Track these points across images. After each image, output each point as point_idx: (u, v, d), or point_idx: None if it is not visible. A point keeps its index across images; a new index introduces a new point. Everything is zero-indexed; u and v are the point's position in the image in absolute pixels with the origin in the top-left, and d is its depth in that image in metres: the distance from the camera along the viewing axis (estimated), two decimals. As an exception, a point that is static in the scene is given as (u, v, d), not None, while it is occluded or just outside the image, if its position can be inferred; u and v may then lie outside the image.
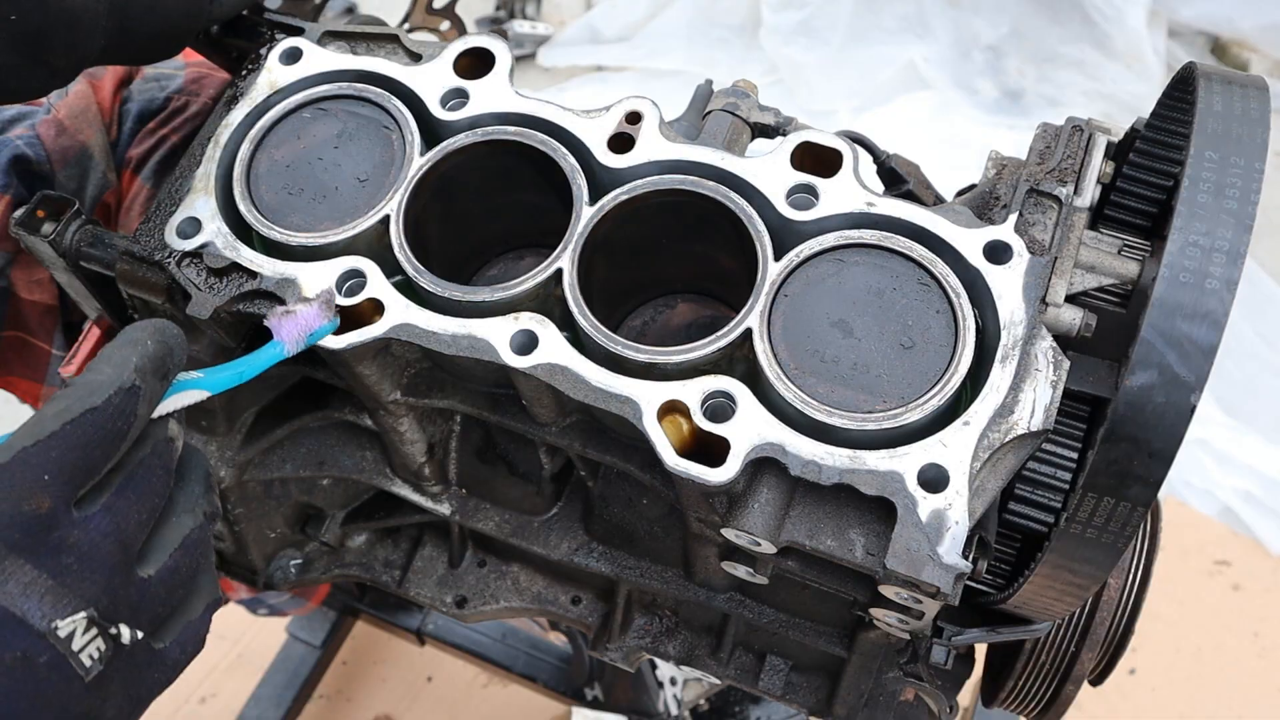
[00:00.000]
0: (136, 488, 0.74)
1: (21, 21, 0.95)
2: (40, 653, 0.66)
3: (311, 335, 0.95)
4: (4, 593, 0.66)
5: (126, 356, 0.73)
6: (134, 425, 0.73)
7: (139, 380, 0.73)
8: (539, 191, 1.07)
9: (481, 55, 1.10)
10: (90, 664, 0.69)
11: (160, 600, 0.75)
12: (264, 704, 2.46)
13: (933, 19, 4.00)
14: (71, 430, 0.69)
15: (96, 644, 0.69)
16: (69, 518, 0.70)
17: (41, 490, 0.68)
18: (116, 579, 0.72)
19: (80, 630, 0.68)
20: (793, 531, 0.91)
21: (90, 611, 0.69)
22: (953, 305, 0.93)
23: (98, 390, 0.71)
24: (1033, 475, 0.98)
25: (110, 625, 0.70)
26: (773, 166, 1.00)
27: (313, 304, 0.96)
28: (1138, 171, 1.03)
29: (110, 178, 1.38)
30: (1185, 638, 2.77)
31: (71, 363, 1.22)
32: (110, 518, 0.72)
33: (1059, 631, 1.12)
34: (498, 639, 2.31)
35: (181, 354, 0.78)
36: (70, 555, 0.69)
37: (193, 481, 0.82)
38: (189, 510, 0.80)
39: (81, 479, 0.70)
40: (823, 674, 1.27)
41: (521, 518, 1.25)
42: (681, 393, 0.92)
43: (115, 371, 0.73)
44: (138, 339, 0.75)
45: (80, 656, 0.68)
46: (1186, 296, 0.79)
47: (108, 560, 0.71)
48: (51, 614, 0.67)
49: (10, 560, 0.66)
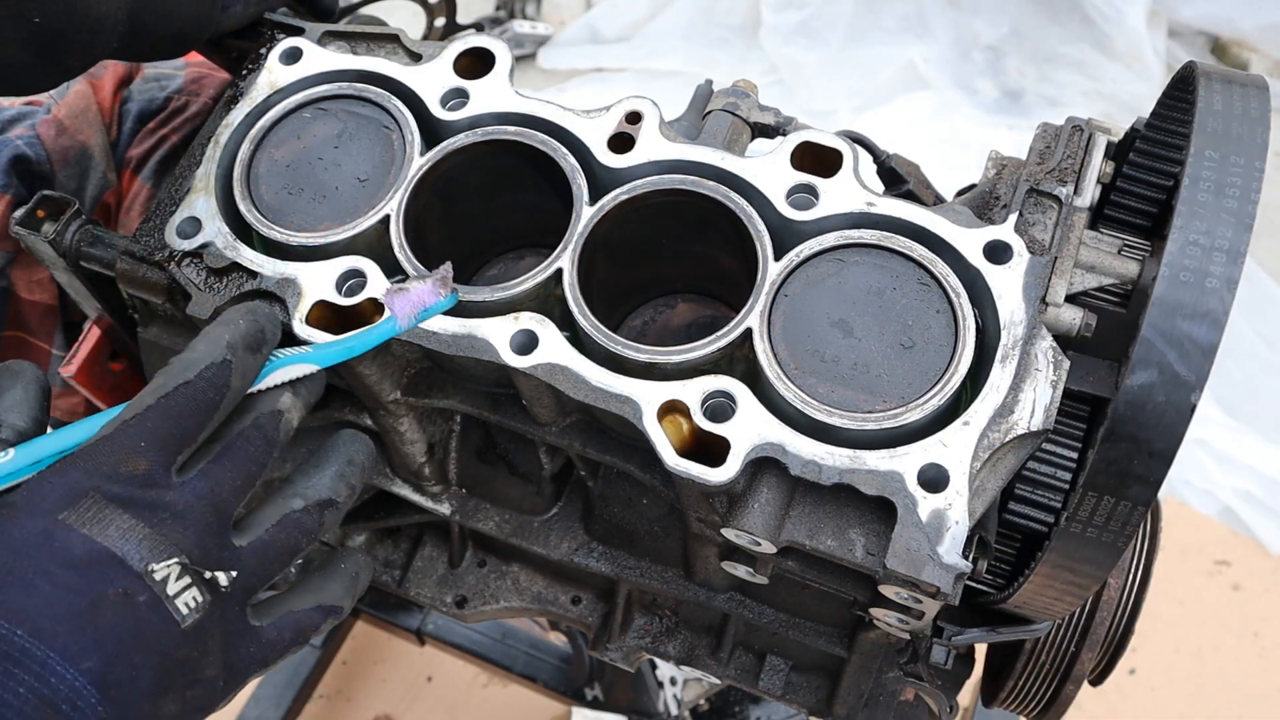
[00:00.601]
0: (233, 456, 0.81)
1: (45, 25, 0.97)
2: (139, 591, 0.72)
3: (425, 311, 0.94)
4: (105, 536, 0.72)
5: (219, 334, 0.81)
6: (227, 396, 0.80)
7: (230, 355, 0.80)
8: (539, 191, 1.07)
9: (481, 55, 1.10)
10: (187, 611, 0.74)
11: (252, 570, 0.80)
12: (264, 704, 2.46)
13: (933, 19, 4.00)
14: (166, 403, 0.77)
15: (193, 592, 0.74)
16: (166, 480, 0.77)
17: (139, 454, 0.76)
18: (209, 538, 0.77)
19: (174, 576, 0.74)
20: (793, 531, 0.91)
21: (182, 559, 0.74)
22: (953, 305, 0.93)
23: (191, 366, 0.79)
24: (1033, 475, 0.98)
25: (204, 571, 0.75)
26: (773, 166, 1.00)
27: (427, 281, 0.95)
28: (1138, 171, 1.03)
29: (110, 178, 1.38)
30: (1185, 638, 2.77)
31: (71, 363, 1.22)
32: (206, 482, 0.78)
33: (1059, 631, 1.12)
34: (498, 639, 2.31)
35: (275, 330, 0.85)
36: (166, 511, 0.75)
37: (322, 468, 0.87)
38: (300, 494, 0.85)
39: (176, 445, 0.78)
40: (823, 674, 1.27)
41: (521, 518, 1.25)
42: (681, 393, 0.92)
43: (208, 348, 0.80)
44: (230, 319, 0.83)
45: (176, 602, 0.73)
46: (1187, 296, 0.79)
47: (201, 519, 0.77)
48: (148, 557, 0.73)
49: (110, 509, 0.73)
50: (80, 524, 0.72)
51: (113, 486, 0.75)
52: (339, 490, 0.87)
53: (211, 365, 0.79)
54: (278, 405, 0.84)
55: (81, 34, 1.00)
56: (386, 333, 0.92)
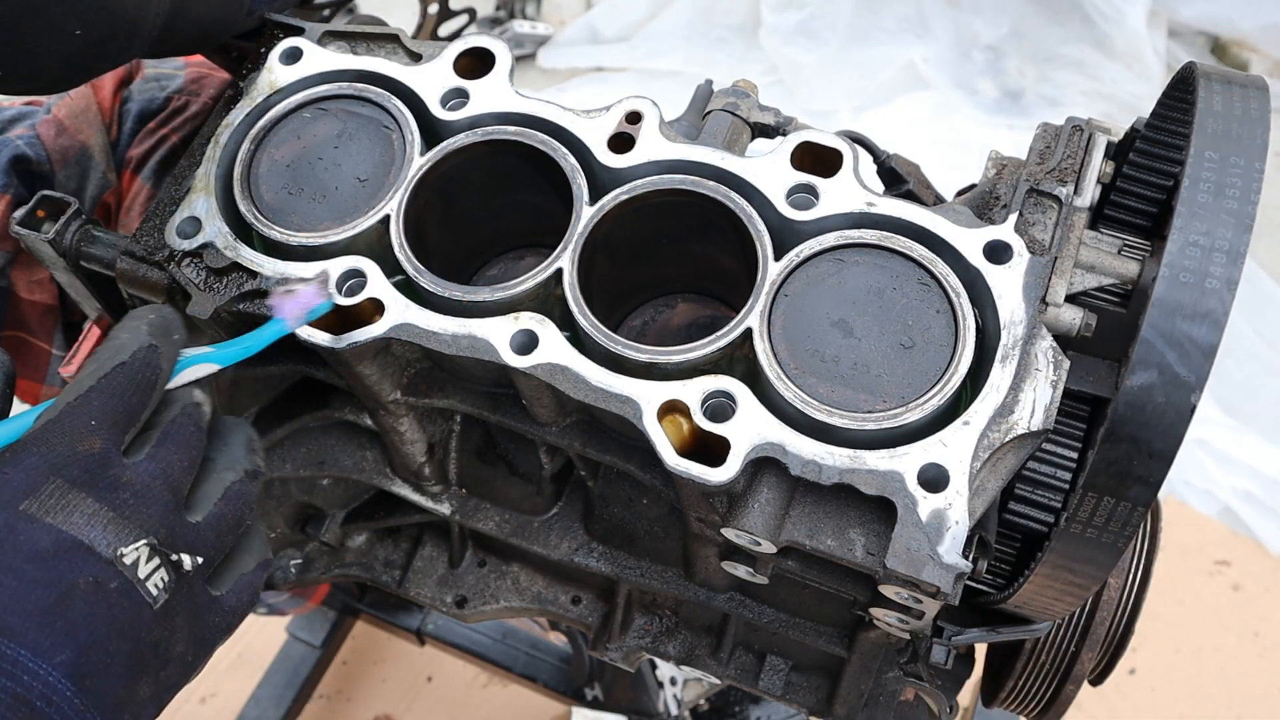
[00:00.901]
0: (175, 439, 0.81)
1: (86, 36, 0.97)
2: (110, 578, 0.71)
3: (311, 312, 0.97)
4: (71, 523, 0.71)
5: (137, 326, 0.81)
6: (160, 377, 0.81)
7: (155, 340, 0.80)
8: (539, 191, 1.07)
9: (481, 55, 1.10)
10: (156, 592, 0.74)
11: (210, 544, 0.80)
12: (264, 704, 2.46)
13: (933, 19, 3.99)
14: (107, 383, 0.77)
15: (161, 573, 0.74)
16: (119, 460, 0.76)
17: (91, 433, 0.75)
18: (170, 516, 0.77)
19: (144, 558, 0.73)
20: (793, 531, 0.91)
21: (150, 540, 0.74)
22: (953, 305, 0.93)
23: (122, 350, 0.79)
24: (1033, 475, 0.98)
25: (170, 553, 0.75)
26: (773, 166, 1.00)
27: (311, 283, 0.99)
28: (1138, 171, 1.03)
29: (110, 178, 1.38)
30: (1185, 638, 2.77)
31: (71, 363, 1.22)
32: (156, 463, 0.78)
33: (1059, 631, 1.12)
34: (498, 639, 2.31)
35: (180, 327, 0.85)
36: (126, 491, 0.75)
37: (233, 444, 0.88)
38: (229, 467, 0.85)
39: (124, 423, 0.78)
40: (823, 674, 1.27)
41: (521, 518, 1.25)
42: (681, 392, 0.92)
43: (131, 336, 0.80)
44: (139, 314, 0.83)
45: (146, 585, 0.73)
46: (1187, 296, 0.79)
47: (160, 498, 0.77)
48: (115, 542, 0.72)
49: (73, 494, 0.72)
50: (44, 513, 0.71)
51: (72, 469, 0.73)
52: (256, 462, 0.88)
53: (142, 348, 0.80)
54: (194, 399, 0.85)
55: (119, 40, 1.00)
56: (276, 333, 0.94)
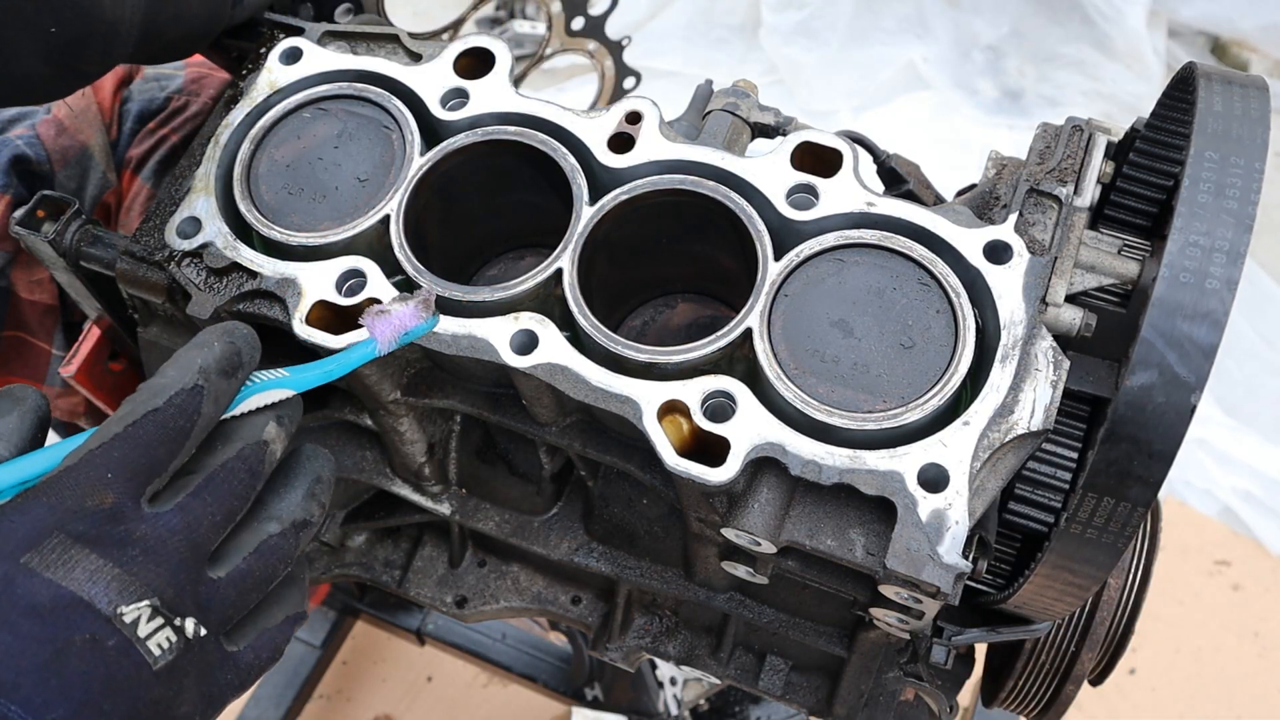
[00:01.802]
0: (215, 490, 0.76)
1: (62, 33, 0.96)
2: (108, 636, 0.69)
3: (406, 335, 0.92)
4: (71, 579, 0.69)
5: (192, 359, 0.77)
6: (198, 423, 0.76)
7: (202, 380, 0.76)
8: (539, 191, 1.07)
9: (481, 55, 1.10)
10: (159, 653, 0.71)
11: (230, 603, 0.77)
12: (264, 704, 2.46)
13: (933, 19, 3.99)
14: (133, 431, 0.73)
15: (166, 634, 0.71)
16: (137, 513, 0.73)
17: (105, 487, 0.72)
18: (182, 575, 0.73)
19: (145, 618, 0.70)
20: (793, 531, 0.91)
21: (154, 601, 0.71)
22: (953, 305, 0.93)
23: (160, 393, 0.75)
24: (1033, 475, 0.98)
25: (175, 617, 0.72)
26: (773, 166, 1.00)
27: (409, 303, 0.93)
28: (1138, 171, 1.03)
29: (110, 178, 1.38)
30: (1185, 638, 2.77)
31: (71, 363, 1.22)
32: (182, 516, 0.74)
33: (1059, 631, 1.12)
34: (498, 639, 2.31)
35: (252, 353, 0.81)
36: (136, 548, 0.72)
37: (292, 488, 0.83)
38: (275, 517, 0.81)
39: (146, 476, 0.74)
40: (823, 674, 1.27)
41: (521, 518, 1.25)
42: (681, 392, 0.92)
43: (179, 374, 0.76)
44: (205, 341, 0.79)
45: (148, 644, 0.70)
46: (1187, 296, 0.79)
47: (174, 556, 0.73)
48: (117, 600, 0.69)
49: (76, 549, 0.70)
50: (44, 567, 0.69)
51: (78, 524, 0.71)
52: (312, 510, 0.83)
53: (182, 391, 0.75)
54: (263, 435, 0.80)
55: (98, 40, 0.99)
56: (365, 356, 0.90)
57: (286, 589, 0.84)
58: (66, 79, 1.03)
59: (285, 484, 0.83)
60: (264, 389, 0.82)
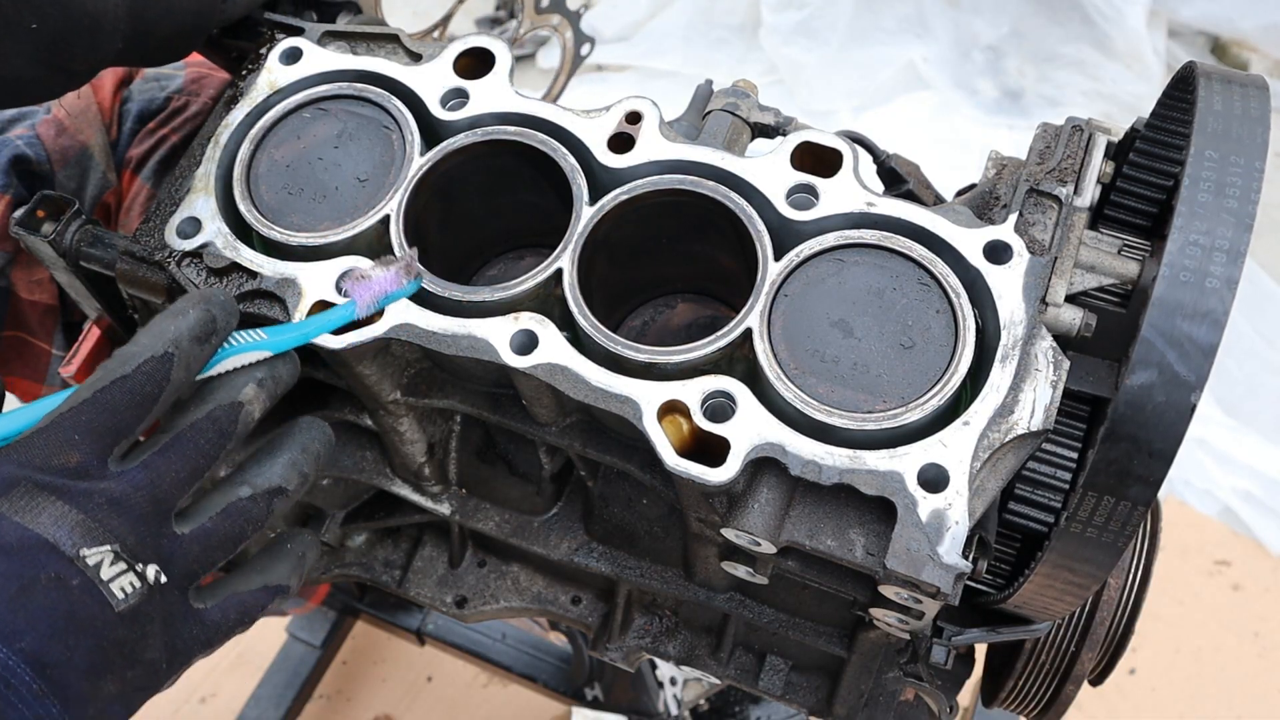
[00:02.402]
0: (180, 448, 0.80)
1: (44, 29, 0.96)
2: (72, 576, 0.73)
3: (387, 297, 0.94)
4: (37, 523, 0.73)
5: (165, 327, 0.80)
6: (167, 389, 0.79)
7: (172, 349, 0.79)
8: (539, 191, 1.07)
9: (481, 55, 1.10)
10: (123, 597, 0.74)
11: (193, 557, 0.80)
12: (264, 704, 2.46)
13: (933, 19, 3.99)
14: (101, 397, 0.78)
15: (129, 578, 0.75)
16: (101, 470, 0.77)
17: (72, 448, 0.76)
18: (144, 527, 0.77)
19: (107, 562, 0.74)
20: (793, 531, 0.91)
21: (116, 547, 0.75)
22: (953, 305, 0.93)
23: (130, 360, 0.79)
24: (1033, 475, 0.98)
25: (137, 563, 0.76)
26: (773, 166, 1.00)
27: (391, 268, 0.94)
28: (1138, 171, 1.03)
29: (110, 178, 1.38)
30: (1185, 638, 2.77)
31: (71, 363, 1.22)
32: (146, 473, 0.78)
33: (1059, 631, 1.12)
34: (498, 639, 2.31)
35: (228, 319, 0.84)
36: (101, 498, 0.76)
37: (274, 455, 0.86)
38: (248, 481, 0.84)
39: (111, 438, 0.78)
40: (823, 674, 1.27)
41: (521, 518, 1.25)
42: (681, 393, 0.92)
43: (150, 341, 0.80)
44: (180, 309, 0.82)
45: (110, 586, 0.74)
46: (1187, 296, 0.79)
47: (137, 509, 0.77)
48: (80, 543, 0.74)
49: (42, 497, 0.74)
50: (13, 512, 0.73)
51: (45, 477, 0.75)
52: (290, 478, 0.86)
53: (151, 359, 0.79)
54: (239, 396, 0.83)
55: (82, 35, 0.99)
56: (343, 317, 0.91)
57: (271, 559, 0.87)
58: (56, 79, 1.03)
59: (269, 451, 0.86)
60: (242, 351, 0.85)
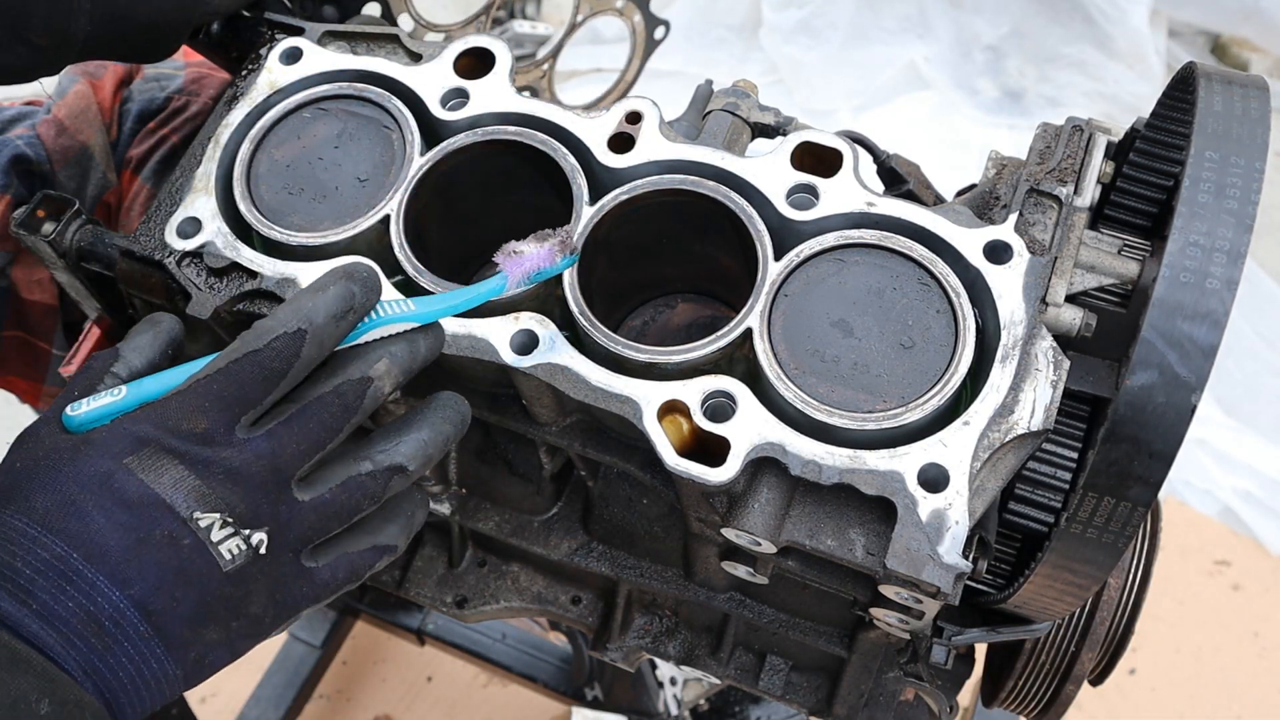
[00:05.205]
0: (304, 421, 0.83)
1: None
2: (184, 535, 0.78)
3: (539, 274, 0.93)
4: (159, 483, 0.79)
5: (302, 304, 0.83)
6: (296, 365, 0.82)
7: (305, 325, 0.82)
8: (539, 191, 1.07)
9: (482, 55, 1.10)
10: (230, 558, 0.79)
11: (309, 525, 0.83)
12: (264, 704, 2.46)
13: (933, 19, 3.99)
14: (233, 368, 0.81)
15: (236, 542, 0.80)
16: (227, 438, 0.81)
17: (200, 414, 0.81)
18: (260, 495, 0.81)
19: (217, 526, 0.79)
20: (793, 531, 0.91)
21: (225, 514, 0.79)
22: (953, 305, 0.93)
23: (264, 335, 0.82)
24: (1033, 475, 0.98)
25: (245, 529, 0.80)
26: (773, 166, 1.00)
27: (544, 245, 0.93)
28: (1138, 171, 1.03)
29: (110, 178, 1.38)
30: (1185, 638, 2.77)
31: (72, 363, 1.22)
32: (269, 443, 0.82)
33: (1059, 631, 1.12)
34: (498, 639, 2.31)
35: (368, 294, 0.86)
36: (219, 468, 0.80)
37: (403, 434, 0.88)
38: (370, 457, 0.86)
39: (239, 409, 0.81)
40: (823, 674, 1.27)
41: (521, 518, 1.25)
42: (681, 392, 0.92)
43: (286, 316, 0.83)
44: (321, 284, 0.84)
45: (220, 548, 0.79)
46: (1187, 296, 0.79)
47: (256, 478, 0.81)
48: (194, 506, 0.79)
49: (167, 460, 0.79)
50: (140, 470, 0.79)
51: (173, 440, 0.80)
52: (413, 459, 0.87)
53: (284, 335, 0.82)
54: (369, 372, 0.85)
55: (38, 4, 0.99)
56: (493, 291, 0.91)
57: (382, 521, 0.89)
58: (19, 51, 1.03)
59: (399, 428, 0.89)
60: (387, 322, 0.87)
